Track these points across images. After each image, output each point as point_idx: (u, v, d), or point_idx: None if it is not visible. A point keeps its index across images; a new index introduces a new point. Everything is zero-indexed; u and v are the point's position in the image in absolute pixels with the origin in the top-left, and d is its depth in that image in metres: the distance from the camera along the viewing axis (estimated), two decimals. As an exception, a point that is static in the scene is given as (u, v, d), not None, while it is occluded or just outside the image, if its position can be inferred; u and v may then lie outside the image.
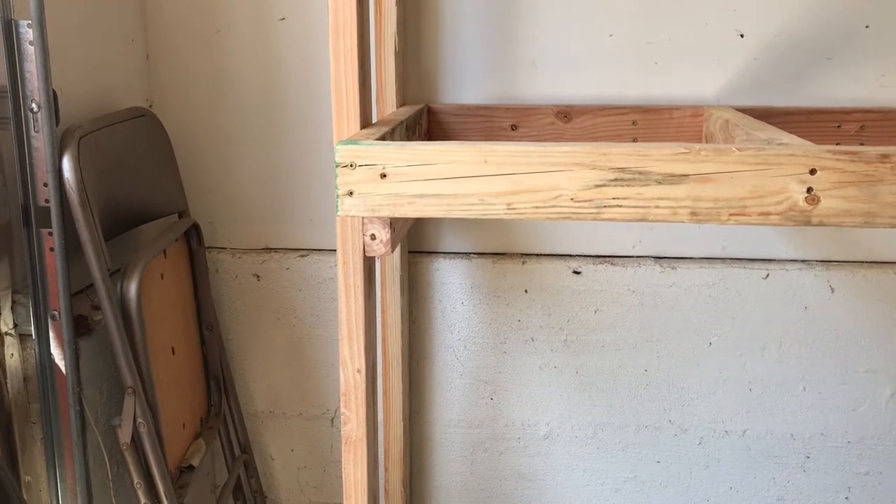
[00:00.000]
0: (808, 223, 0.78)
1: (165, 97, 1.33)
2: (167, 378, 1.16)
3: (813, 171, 0.76)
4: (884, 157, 0.76)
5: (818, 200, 0.77)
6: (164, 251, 1.19)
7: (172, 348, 1.20)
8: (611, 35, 1.24)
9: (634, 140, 1.23)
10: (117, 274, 1.06)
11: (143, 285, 1.06)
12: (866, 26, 1.20)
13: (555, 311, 1.35)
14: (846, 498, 1.39)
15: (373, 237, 0.91)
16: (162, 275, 1.18)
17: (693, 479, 1.40)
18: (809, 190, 0.77)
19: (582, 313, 1.34)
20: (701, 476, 1.40)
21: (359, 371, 0.95)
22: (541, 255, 1.34)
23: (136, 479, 1.06)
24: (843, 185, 0.76)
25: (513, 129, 1.26)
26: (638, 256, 1.32)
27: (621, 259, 1.32)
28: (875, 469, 1.37)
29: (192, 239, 1.28)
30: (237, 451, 1.40)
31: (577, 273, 1.33)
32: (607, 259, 1.32)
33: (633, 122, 1.22)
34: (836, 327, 1.30)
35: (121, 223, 1.14)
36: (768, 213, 0.77)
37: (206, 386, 1.33)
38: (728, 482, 1.40)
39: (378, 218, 0.89)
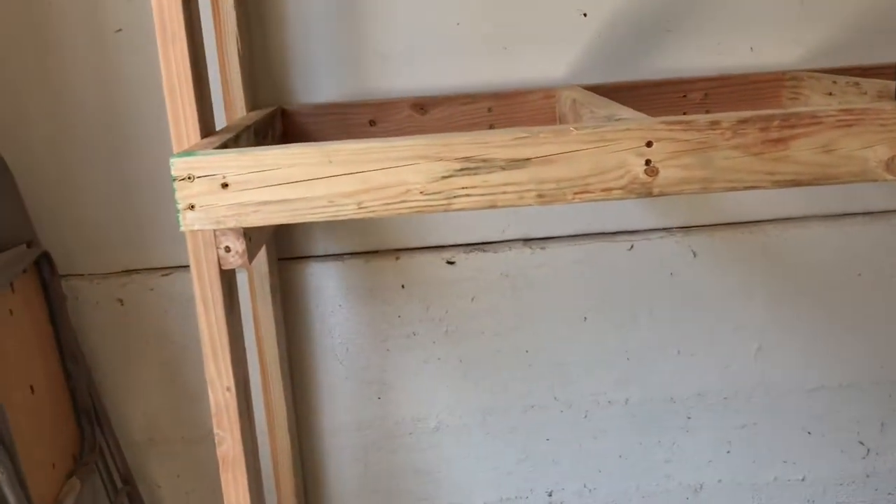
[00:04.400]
0: (649, 194, 0.79)
1: (1, 122, 1.25)
2: (28, 418, 1.09)
3: (649, 144, 0.78)
4: (714, 124, 0.78)
5: (657, 172, 0.79)
6: (12, 284, 1.11)
7: (31, 386, 1.13)
8: (458, 24, 1.24)
9: (491, 127, 1.23)
10: (-43, 315, 0.99)
11: (-14, 324, 0.99)
12: (700, -2, 1.25)
13: (433, 304, 1.34)
14: (728, 452, 1.45)
15: (227, 249, 0.87)
16: (11, 310, 1.10)
17: (583, 452, 1.43)
18: (648, 162, 0.78)
19: (459, 302, 1.34)
20: (590, 448, 1.43)
21: (228, 389, 0.92)
22: (414, 248, 1.33)
23: (0, 531, 1.00)
24: (679, 154, 0.79)
25: (371, 125, 1.24)
26: (508, 241, 1.33)
27: (492, 245, 1.33)
28: (751, 421, 1.43)
29: (44, 268, 1.21)
30: (119, 484, 1.33)
31: (451, 263, 1.33)
32: (478, 246, 1.33)
33: (489, 109, 1.23)
34: (701, 290, 1.35)
35: (-42, 260, 1.06)
36: (611, 189, 0.79)
37: (76, 421, 1.26)
38: (617, 451, 1.43)
39: (230, 229, 0.86)
